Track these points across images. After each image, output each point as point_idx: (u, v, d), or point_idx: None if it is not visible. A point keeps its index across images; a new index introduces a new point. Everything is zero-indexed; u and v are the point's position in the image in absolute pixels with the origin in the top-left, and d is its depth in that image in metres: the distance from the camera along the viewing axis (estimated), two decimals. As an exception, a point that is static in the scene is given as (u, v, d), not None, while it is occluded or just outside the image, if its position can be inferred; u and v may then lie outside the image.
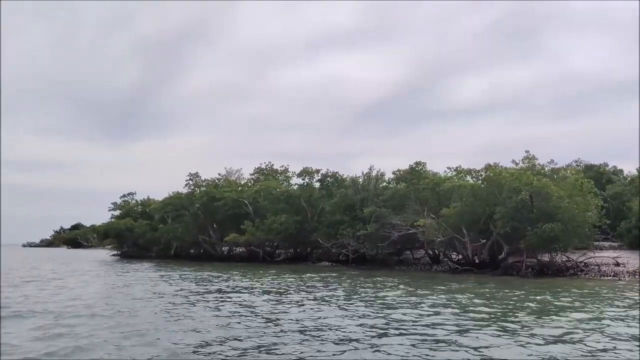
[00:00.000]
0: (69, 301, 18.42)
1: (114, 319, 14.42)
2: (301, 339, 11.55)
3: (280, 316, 15.11)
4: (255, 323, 13.81)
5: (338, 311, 16.11)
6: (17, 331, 12.57)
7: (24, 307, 16.89)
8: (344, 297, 19.83)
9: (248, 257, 52.34)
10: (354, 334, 12.16)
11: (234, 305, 17.46)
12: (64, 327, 13.21)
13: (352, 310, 16.17)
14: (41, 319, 14.56)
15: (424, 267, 38.64)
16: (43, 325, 13.48)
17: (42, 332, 12.55)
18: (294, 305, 17.61)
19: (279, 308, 16.90)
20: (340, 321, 14.08)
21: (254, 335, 12.02)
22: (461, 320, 14.14)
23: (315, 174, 49.16)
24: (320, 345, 11.02)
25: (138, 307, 17.01)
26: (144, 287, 23.83)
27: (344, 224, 41.77)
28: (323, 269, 39.80)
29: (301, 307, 17.00)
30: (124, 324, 13.66)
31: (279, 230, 45.07)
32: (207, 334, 12.20)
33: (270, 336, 11.94)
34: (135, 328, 12.90)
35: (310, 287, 24.32)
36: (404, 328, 12.95)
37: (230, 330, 12.83)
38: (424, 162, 38.87)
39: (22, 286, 24.32)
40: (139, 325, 13.37)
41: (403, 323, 13.74)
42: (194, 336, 11.96)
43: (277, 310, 16.45)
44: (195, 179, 57.17)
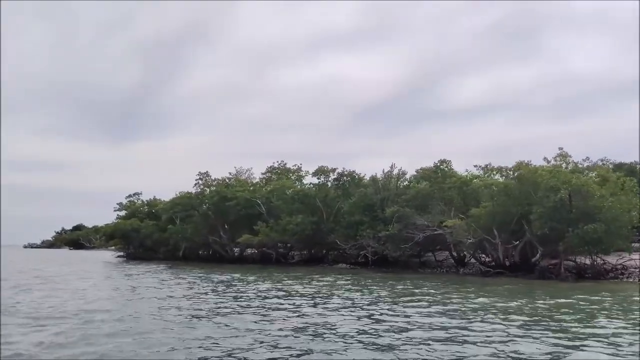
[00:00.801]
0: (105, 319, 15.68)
1: (170, 333, 12.56)
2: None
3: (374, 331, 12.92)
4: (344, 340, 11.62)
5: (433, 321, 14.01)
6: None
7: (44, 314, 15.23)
8: (423, 305, 17.53)
9: (260, 259, 50.68)
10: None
11: (301, 318, 14.90)
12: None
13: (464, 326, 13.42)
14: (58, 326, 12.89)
15: (449, 269, 36.95)
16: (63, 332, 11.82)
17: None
18: (373, 318, 15.06)
19: (361, 321, 14.39)
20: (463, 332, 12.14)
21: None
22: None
23: (331, 173, 47.46)
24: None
25: (195, 323, 13.96)
26: (178, 300, 19.79)
27: (363, 224, 40.08)
28: (344, 271, 38.07)
29: (382, 321, 14.36)
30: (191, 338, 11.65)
31: (294, 231, 43.37)
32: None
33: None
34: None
35: (356, 291, 22.46)
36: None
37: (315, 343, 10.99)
38: (448, 160, 37.27)
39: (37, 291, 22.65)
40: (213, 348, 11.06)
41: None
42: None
43: (364, 324, 13.90)
44: (205, 179, 55.50)
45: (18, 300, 18.86)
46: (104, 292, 22.69)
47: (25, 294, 21.16)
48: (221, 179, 55.15)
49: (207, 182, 55.53)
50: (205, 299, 19.48)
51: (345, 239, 41.59)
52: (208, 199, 52.09)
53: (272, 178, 54.47)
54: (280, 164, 54.48)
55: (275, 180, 51.41)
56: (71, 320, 14.12)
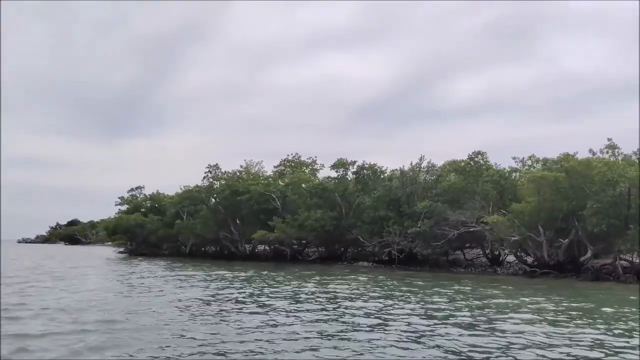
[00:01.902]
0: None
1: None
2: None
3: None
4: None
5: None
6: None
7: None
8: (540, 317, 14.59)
9: (273, 256, 48.25)
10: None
11: (392, 328, 12.75)
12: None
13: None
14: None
15: (484, 269, 34.67)
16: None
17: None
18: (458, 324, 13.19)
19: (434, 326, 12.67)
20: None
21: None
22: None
23: (351, 166, 45.03)
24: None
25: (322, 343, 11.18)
26: (218, 302, 17.47)
27: (389, 220, 37.70)
28: (373, 270, 35.78)
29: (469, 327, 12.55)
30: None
31: (313, 227, 40.89)
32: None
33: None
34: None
35: (432, 295, 20.06)
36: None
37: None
38: (484, 152, 34.85)
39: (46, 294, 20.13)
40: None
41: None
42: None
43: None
44: (215, 172, 52.87)
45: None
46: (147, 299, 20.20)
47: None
48: (232, 172, 52.54)
49: (216, 175, 52.89)
50: (284, 308, 16.28)
51: (369, 235, 39.22)
52: (218, 193, 49.49)
53: (285, 171, 51.94)
54: (295, 156, 51.97)
55: (290, 174, 48.86)
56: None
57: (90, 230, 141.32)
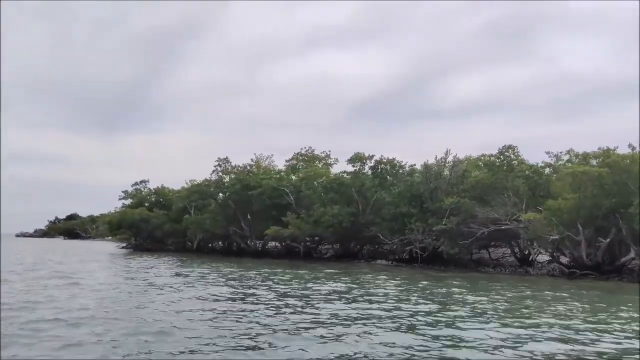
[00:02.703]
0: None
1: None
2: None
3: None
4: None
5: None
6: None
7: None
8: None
9: (285, 253, 46.50)
10: None
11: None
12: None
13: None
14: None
15: (514, 269, 32.97)
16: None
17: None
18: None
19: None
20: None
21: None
22: None
23: (368, 160, 43.24)
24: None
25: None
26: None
27: (411, 217, 36.00)
28: (397, 269, 33.97)
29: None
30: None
31: (330, 223, 39.13)
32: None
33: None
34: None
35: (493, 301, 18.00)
36: None
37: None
38: (515, 146, 33.08)
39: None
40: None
41: None
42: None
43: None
44: (225, 165, 51.07)
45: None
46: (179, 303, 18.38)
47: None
48: (242, 166, 50.74)
49: (225, 169, 51.09)
50: (353, 315, 14.25)
51: (389, 232, 37.50)
52: (228, 187, 47.67)
53: (297, 165, 50.13)
54: (308, 150, 50.16)
55: (304, 168, 47.05)
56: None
57: (90, 224, 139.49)
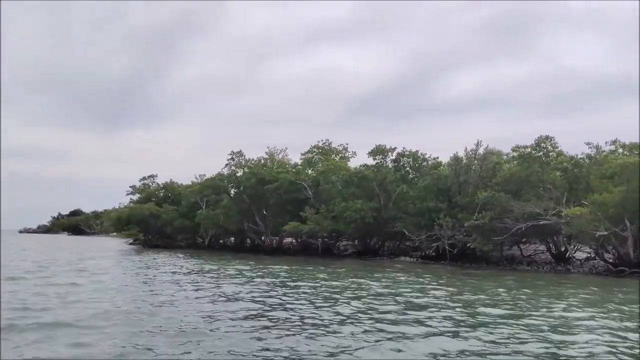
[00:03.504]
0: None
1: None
2: None
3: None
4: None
5: None
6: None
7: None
8: None
9: (302, 250, 44.87)
10: None
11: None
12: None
13: None
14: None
15: (552, 266, 31.29)
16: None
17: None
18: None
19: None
20: None
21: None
22: None
23: (390, 152, 41.53)
24: None
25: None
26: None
27: (439, 212, 34.33)
28: (426, 267, 32.28)
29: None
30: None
31: (353, 218, 37.46)
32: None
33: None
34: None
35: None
36: None
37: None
38: (552, 137, 31.30)
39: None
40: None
41: None
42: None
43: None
44: (238, 159, 49.40)
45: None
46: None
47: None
48: (257, 159, 49.10)
49: (239, 162, 49.43)
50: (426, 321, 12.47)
51: (415, 228, 35.84)
52: (243, 181, 45.97)
53: (313, 159, 48.43)
54: (325, 143, 48.43)
55: (322, 161, 45.34)
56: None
57: (94, 220, 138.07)
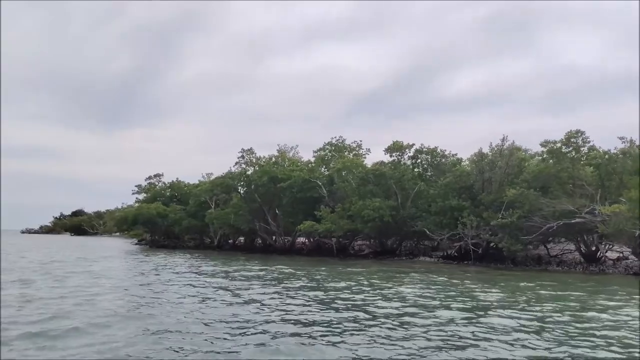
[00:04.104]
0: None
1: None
2: None
3: None
4: None
5: None
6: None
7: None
8: None
9: (316, 250, 43.59)
10: None
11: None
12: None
13: None
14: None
15: (584, 267, 29.98)
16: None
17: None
18: None
19: None
20: None
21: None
22: None
23: (407, 149, 40.29)
24: None
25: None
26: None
27: (463, 210, 33.06)
28: (452, 268, 30.95)
29: None
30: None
31: (371, 217, 36.15)
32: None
33: None
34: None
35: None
36: None
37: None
38: (582, 131, 29.99)
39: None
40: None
41: None
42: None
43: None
44: (249, 156, 48.12)
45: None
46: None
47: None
48: (268, 156, 47.85)
49: (250, 160, 48.15)
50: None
51: (437, 227, 34.55)
52: (255, 179, 44.66)
53: (326, 156, 47.13)
54: (338, 139, 47.10)
55: (336, 159, 44.02)
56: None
57: (97, 220, 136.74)
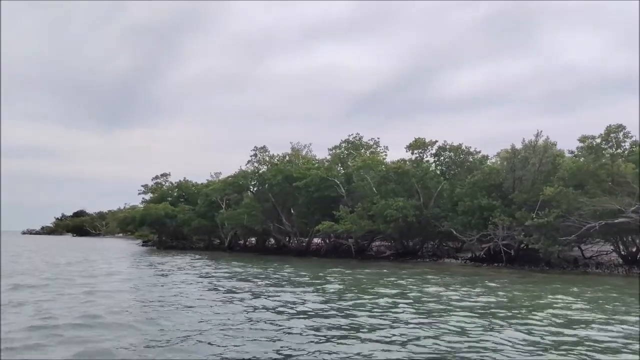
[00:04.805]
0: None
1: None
2: None
3: None
4: None
5: None
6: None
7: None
8: None
9: (333, 251, 42.00)
10: None
11: None
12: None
13: None
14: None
15: (624, 269, 28.40)
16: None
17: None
18: None
19: None
20: None
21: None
22: None
23: (430, 146, 38.74)
24: None
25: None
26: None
27: (493, 209, 31.48)
28: (487, 271, 29.37)
29: None
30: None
31: (395, 217, 34.55)
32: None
33: None
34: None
35: None
36: None
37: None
38: (623, 126, 28.43)
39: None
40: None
41: None
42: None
43: None
44: (262, 155, 46.55)
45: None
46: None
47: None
48: (282, 154, 46.30)
49: (263, 159, 46.59)
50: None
51: (464, 228, 32.98)
52: (269, 178, 43.05)
53: (342, 154, 45.53)
54: (355, 137, 45.48)
55: (355, 156, 42.43)
56: None
57: (99, 221, 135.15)
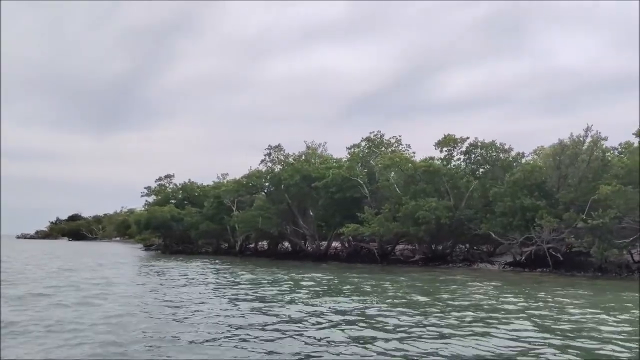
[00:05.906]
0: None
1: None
2: None
3: None
4: None
5: None
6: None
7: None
8: None
9: (354, 256, 39.48)
10: None
11: None
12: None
13: None
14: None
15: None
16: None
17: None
18: None
19: None
20: None
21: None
22: None
23: (460, 143, 36.35)
24: None
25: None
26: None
27: (537, 210, 29.07)
28: (549, 278, 26.89)
29: None
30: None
31: (427, 219, 32.08)
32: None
33: None
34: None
35: None
36: None
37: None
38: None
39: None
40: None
41: None
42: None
43: None
44: (277, 154, 44.00)
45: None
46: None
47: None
48: (299, 153, 43.78)
49: (278, 158, 44.04)
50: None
51: (506, 230, 30.55)
52: (286, 178, 40.49)
53: (361, 153, 43.08)
54: (376, 134, 43.01)
55: (377, 154, 39.95)
56: None
57: (95, 225, 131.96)
